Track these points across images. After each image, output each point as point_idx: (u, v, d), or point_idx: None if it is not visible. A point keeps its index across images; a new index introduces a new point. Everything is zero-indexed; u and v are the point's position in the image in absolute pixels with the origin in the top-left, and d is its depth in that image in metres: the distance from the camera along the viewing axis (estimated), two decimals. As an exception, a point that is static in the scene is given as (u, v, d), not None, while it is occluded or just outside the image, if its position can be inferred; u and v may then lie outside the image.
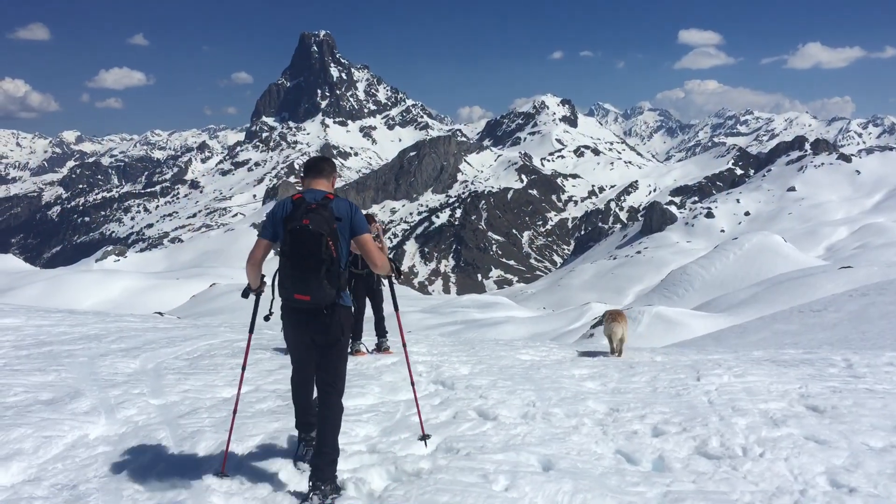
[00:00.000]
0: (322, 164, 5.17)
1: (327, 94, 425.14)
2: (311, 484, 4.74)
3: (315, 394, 5.19)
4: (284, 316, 5.01)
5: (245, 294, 5.27)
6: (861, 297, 23.44)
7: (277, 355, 10.01)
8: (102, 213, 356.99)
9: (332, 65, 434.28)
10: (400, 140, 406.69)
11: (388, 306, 9.88)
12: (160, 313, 28.19)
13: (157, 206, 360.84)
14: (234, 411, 5.46)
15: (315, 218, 4.72)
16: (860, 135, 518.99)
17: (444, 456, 5.50)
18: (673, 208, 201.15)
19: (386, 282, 5.86)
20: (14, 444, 5.34)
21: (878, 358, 9.88)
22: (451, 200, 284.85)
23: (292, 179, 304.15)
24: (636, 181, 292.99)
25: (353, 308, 10.29)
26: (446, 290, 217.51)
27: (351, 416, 6.53)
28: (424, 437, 5.78)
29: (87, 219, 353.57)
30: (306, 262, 4.71)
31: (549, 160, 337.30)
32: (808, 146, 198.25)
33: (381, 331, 10.67)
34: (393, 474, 5.17)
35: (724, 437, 5.95)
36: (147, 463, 5.17)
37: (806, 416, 6.66)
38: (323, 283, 4.74)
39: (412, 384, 6.10)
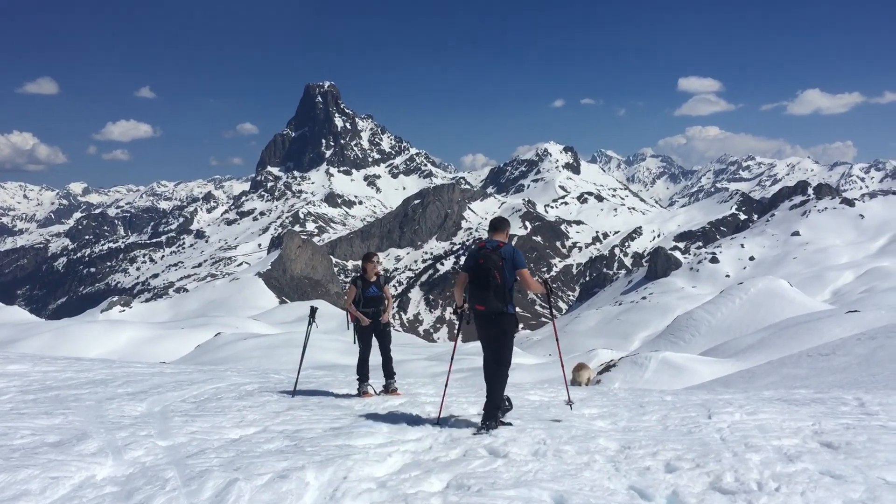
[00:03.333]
0: (498, 223, 7.86)
1: (332, 143, 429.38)
2: (481, 422, 7.56)
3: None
4: (474, 318, 7.63)
5: (454, 311, 7.74)
6: (869, 340, 23.28)
7: (284, 398, 9.96)
8: (108, 263, 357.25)
9: (336, 115, 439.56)
10: (404, 188, 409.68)
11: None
12: (164, 363, 28.07)
13: (163, 257, 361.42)
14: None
15: (488, 258, 7.43)
16: (863, 179, 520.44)
17: (455, 493, 5.42)
18: (677, 254, 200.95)
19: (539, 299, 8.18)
20: (21, 484, 5.30)
21: (891, 397, 9.82)
22: (456, 248, 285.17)
23: (297, 228, 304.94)
24: (640, 227, 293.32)
25: (359, 349, 10.35)
26: (451, 338, 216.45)
27: (359, 455, 6.47)
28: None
29: (92, 269, 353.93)
30: (482, 285, 7.43)
31: (552, 207, 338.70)
32: (810, 191, 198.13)
33: (388, 372, 10.58)
34: (404, 511, 5.09)
35: (739, 473, 5.88)
36: (155, 502, 5.11)
37: (820, 451, 6.59)
38: (491, 299, 7.42)
39: (559, 355, 9.35)
